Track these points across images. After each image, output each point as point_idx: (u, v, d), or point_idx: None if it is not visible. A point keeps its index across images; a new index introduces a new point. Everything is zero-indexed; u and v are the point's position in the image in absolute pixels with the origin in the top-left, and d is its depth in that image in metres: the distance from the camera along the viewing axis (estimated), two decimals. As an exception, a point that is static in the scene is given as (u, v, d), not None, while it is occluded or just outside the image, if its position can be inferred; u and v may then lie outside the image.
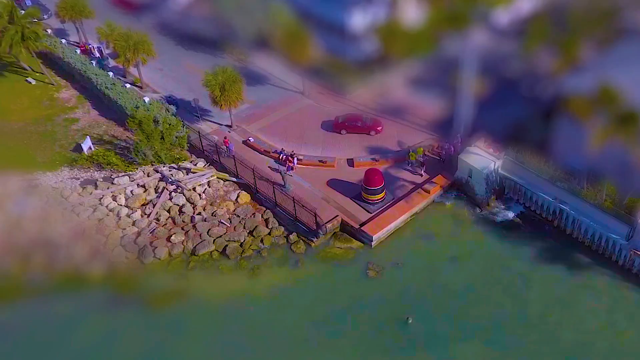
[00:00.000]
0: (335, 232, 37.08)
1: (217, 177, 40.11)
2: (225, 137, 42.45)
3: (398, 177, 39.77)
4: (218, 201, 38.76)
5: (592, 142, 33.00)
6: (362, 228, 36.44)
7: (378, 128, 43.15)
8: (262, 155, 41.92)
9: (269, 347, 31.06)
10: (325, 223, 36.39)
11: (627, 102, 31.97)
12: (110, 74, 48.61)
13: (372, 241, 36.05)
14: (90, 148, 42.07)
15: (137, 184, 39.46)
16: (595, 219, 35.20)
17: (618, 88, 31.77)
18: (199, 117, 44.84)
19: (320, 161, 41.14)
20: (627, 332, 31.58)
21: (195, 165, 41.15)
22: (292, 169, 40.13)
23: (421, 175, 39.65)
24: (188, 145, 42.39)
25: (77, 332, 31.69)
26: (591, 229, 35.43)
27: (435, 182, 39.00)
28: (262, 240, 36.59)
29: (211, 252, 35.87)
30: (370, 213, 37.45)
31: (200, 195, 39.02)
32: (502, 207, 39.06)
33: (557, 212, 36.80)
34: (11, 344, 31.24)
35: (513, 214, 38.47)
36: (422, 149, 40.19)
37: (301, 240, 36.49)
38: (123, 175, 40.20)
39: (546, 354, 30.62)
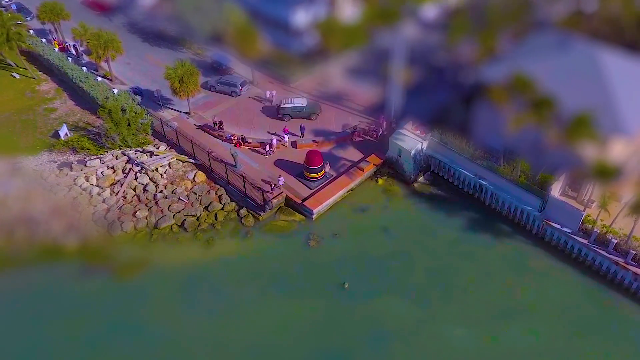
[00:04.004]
0: (280, 207, 40.16)
1: (177, 159, 43.23)
2: None
3: (337, 157, 42.94)
4: (177, 180, 41.85)
5: (508, 124, 34.96)
6: (304, 203, 39.49)
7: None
8: (216, 139, 44.89)
9: (223, 307, 34.09)
10: (272, 199, 39.55)
11: (539, 89, 34.21)
12: (84, 68, 51.59)
13: (312, 214, 39.16)
14: (66, 134, 45.18)
15: (107, 166, 42.56)
16: (511, 192, 38.29)
17: (530, 76, 34.00)
18: (161, 106, 47.95)
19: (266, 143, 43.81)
20: (531, 289, 35.10)
21: (158, 148, 44.20)
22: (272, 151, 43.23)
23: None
24: (151, 130, 45.25)
25: (53, 299, 34.51)
26: (508, 201, 38.56)
27: (369, 161, 42.19)
28: (216, 215, 39.64)
29: (171, 226, 38.89)
30: (311, 189, 40.57)
31: (162, 175, 42.13)
32: (428, 182, 42.14)
33: (477, 187, 39.93)
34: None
35: (437, 189, 41.56)
36: None
37: (250, 215, 39.54)
38: (95, 158, 43.25)
39: (459, 305, 34.24)
